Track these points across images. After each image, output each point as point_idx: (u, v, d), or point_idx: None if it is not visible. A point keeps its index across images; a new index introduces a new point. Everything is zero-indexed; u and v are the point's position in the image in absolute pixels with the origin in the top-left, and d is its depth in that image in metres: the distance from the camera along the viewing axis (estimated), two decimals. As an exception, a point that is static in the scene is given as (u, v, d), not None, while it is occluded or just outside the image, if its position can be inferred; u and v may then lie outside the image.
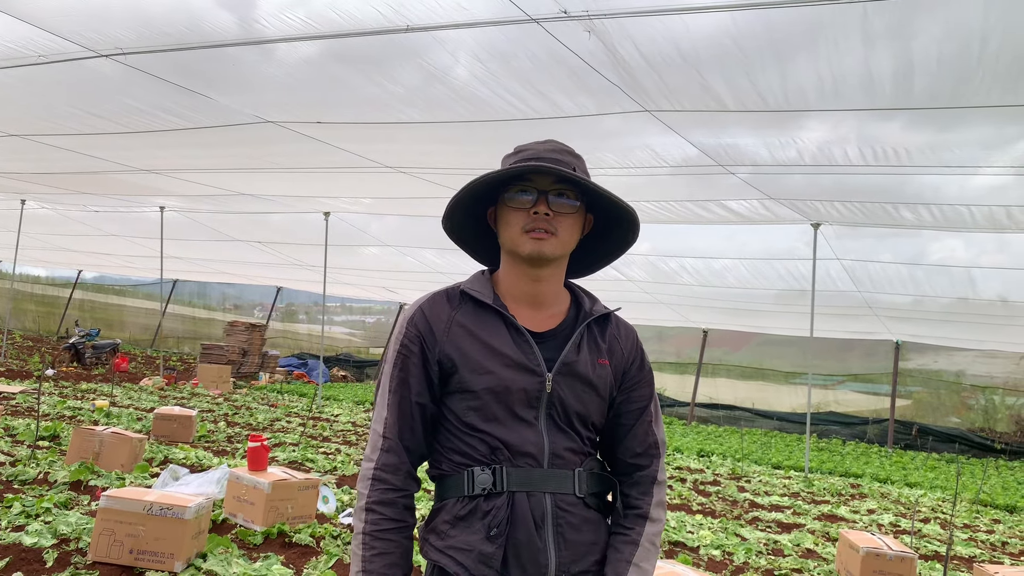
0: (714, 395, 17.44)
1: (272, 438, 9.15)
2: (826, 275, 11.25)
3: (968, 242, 10.44)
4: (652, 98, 5.84)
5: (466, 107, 6.32)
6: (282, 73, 6.07)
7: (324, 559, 4.44)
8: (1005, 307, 12.19)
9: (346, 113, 6.88)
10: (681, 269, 12.56)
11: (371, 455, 1.62)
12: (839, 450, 13.81)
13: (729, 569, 5.33)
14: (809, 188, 8.19)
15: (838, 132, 6.52)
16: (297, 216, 12.83)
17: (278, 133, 7.41)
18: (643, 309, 15.85)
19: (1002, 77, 4.92)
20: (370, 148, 7.93)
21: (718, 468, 10.42)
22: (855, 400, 17.17)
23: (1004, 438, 14.85)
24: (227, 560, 4.17)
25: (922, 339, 15.87)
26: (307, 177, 9.66)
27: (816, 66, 5.10)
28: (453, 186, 9.18)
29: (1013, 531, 7.87)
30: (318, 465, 7.67)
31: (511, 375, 1.60)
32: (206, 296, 24.79)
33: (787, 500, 8.31)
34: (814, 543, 6.30)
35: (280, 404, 13.29)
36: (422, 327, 1.64)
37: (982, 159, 6.87)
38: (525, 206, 1.62)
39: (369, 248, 14.54)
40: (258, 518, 4.83)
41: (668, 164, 7.58)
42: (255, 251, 15.66)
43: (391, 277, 16.76)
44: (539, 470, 1.59)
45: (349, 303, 25.80)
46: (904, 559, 5.13)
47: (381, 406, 1.63)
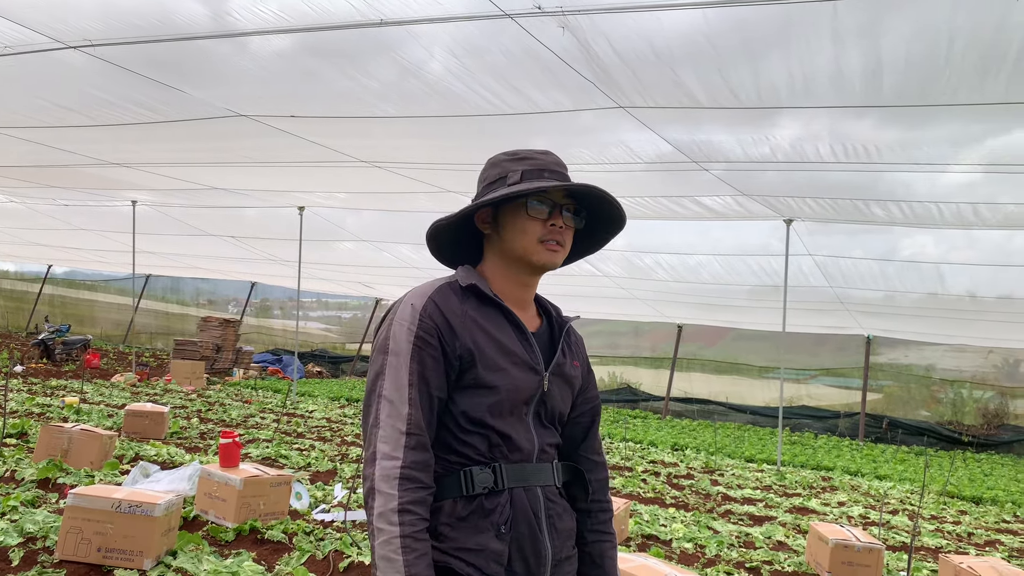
0: (689, 389, 17.58)
1: (245, 434, 9.08)
2: (799, 271, 11.37)
3: (938, 238, 10.62)
4: (626, 94, 5.87)
5: (441, 102, 6.31)
6: (255, 66, 6.02)
7: (297, 555, 4.42)
8: (973, 302, 12.40)
9: (320, 107, 6.83)
10: (656, 265, 12.64)
11: (393, 452, 1.52)
12: (811, 443, 13.99)
13: (701, 562, 5.38)
14: (782, 185, 8.27)
15: (810, 129, 6.59)
16: (271, 211, 12.73)
17: (251, 127, 7.35)
18: (619, 304, 15.94)
19: (968, 76, 5.00)
20: (344, 142, 7.89)
21: (692, 462, 10.51)
22: (827, 394, 17.40)
23: (971, 431, 15.12)
24: (198, 557, 4.14)
25: (893, 334, 16.11)
26: (281, 171, 9.59)
27: (788, 64, 5.16)
28: (429, 181, 9.16)
29: (979, 522, 8.02)
30: (292, 461, 7.63)
31: (520, 374, 1.65)
32: (179, 291, 24.53)
33: (759, 493, 8.41)
34: (785, 535, 6.38)
35: (254, 400, 13.20)
36: (438, 319, 1.61)
37: (951, 157, 6.98)
38: (543, 216, 1.67)
39: (344, 243, 14.47)
40: (230, 515, 4.80)
41: (643, 160, 7.62)
42: (229, 246, 15.52)
43: (367, 272, 16.69)
44: (530, 465, 1.66)
45: (325, 299, 25.65)
46: (872, 550, 5.21)
47: (399, 401, 1.56)
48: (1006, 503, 9.23)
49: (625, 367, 19.26)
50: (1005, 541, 7.12)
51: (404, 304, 1.64)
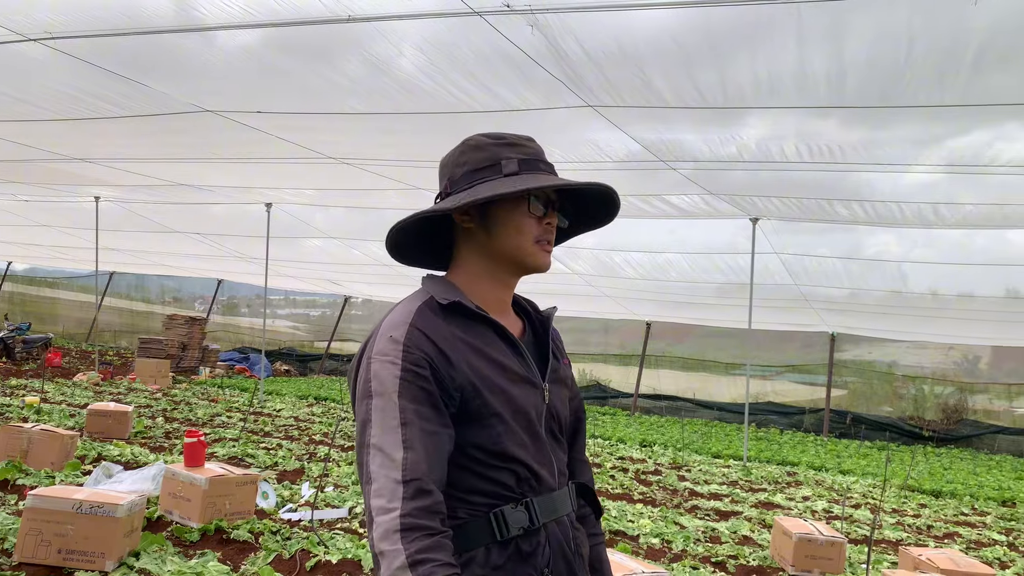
0: (657, 386, 17.72)
1: (211, 433, 8.98)
2: (765, 269, 11.52)
3: (901, 237, 10.82)
4: (595, 93, 5.90)
5: (410, 99, 6.28)
6: (221, 61, 5.95)
7: (263, 555, 4.39)
8: (935, 300, 12.66)
9: (288, 103, 6.78)
10: (625, 263, 12.72)
11: (388, 505, 1.30)
12: (777, 439, 14.18)
13: (667, 557, 5.44)
14: (749, 184, 8.37)
15: (777, 129, 6.68)
16: (238, 207, 12.58)
17: (217, 122, 7.26)
18: (588, 302, 16.01)
19: (927, 78, 5.11)
20: (313, 139, 7.83)
21: (660, 458, 10.61)
22: (793, 390, 17.65)
23: (932, 426, 15.44)
24: (161, 558, 4.10)
25: (857, 331, 16.38)
26: (248, 168, 9.49)
27: (753, 64, 5.22)
28: (398, 178, 9.14)
29: (938, 515, 8.20)
30: (259, 460, 7.56)
31: (521, 391, 1.48)
32: (144, 289, 24.15)
33: (726, 488, 8.51)
34: (750, 530, 6.46)
35: (220, 399, 13.05)
36: (427, 348, 1.39)
37: (913, 157, 7.12)
38: (540, 214, 1.52)
39: (313, 240, 14.36)
40: (195, 515, 4.75)
41: (612, 159, 7.67)
42: (195, 243, 15.32)
43: (336, 270, 16.57)
44: (556, 492, 1.50)
45: (293, 296, 25.43)
46: (834, 543, 5.31)
47: (391, 447, 1.33)
48: (964, 496, 9.45)
49: (595, 364, 19.36)
50: (963, 533, 7.29)
51: (380, 338, 1.42)
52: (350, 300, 21.66)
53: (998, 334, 14.61)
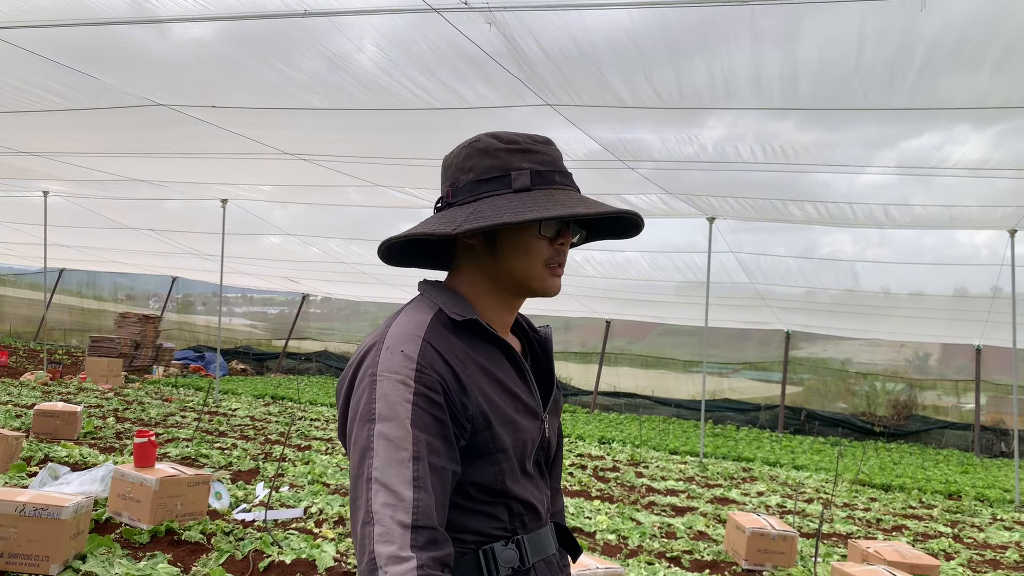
0: (616, 384, 17.86)
1: (164, 433, 8.82)
2: (722, 268, 11.67)
3: (855, 237, 11.05)
4: (554, 92, 5.92)
5: (369, 95, 6.24)
6: (174, 54, 5.83)
7: (215, 556, 4.32)
8: (887, 298, 12.96)
9: (243, 98, 6.68)
10: (586, 262, 12.79)
11: (400, 554, 1.13)
12: (733, 435, 14.39)
13: (623, 553, 5.48)
14: (706, 184, 8.47)
15: (734, 130, 6.77)
16: (193, 203, 12.37)
17: (170, 116, 7.12)
18: (550, 300, 16.05)
19: (877, 81, 5.22)
20: (269, 134, 7.72)
21: (618, 455, 10.69)
22: (749, 387, 17.93)
23: (883, 422, 15.80)
24: (109, 561, 4.01)
25: (811, 329, 16.69)
26: (203, 163, 9.32)
27: (709, 65, 5.28)
28: (357, 174, 9.06)
29: (887, 508, 8.40)
30: (213, 460, 7.45)
31: (525, 422, 1.35)
32: (96, 286, 23.60)
33: (682, 484, 8.61)
34: (705, 525, 6.55)
35: (175, 398, 12.82)
36: (442, 370, 1.24)
37: (866, 159, 7.27)
38: (551, 235, 1.36)
39: (270, 237, 14.17)
40: (145, 516, 4.65)
41: (572, 159, 7.69)
42: (149, 239, 15.02)
43: (294, 267, 16.38)
44: (543, 530, 1.40)
45: (250, 294, 25.09)
46: (786, 538, 5.40)
47: (400, 484, 1.17)
48: (912, 490, 9.69)
49: (556, 362, 19.39)
50: (910, 526, 7.48)
51: (388, 352, 1.25)
52: (308, 298, 21.43)
53: (947, 332, 15.01)
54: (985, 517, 8.37)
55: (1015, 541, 7.16)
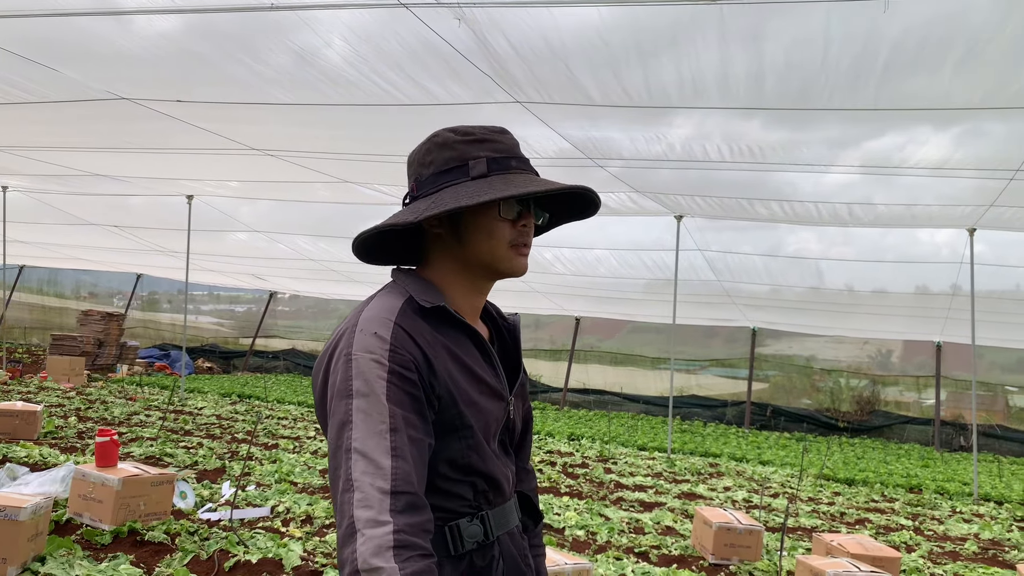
0: (586, 381, 17.94)
1: (128, 433, 8.68)
2: (690, 266, 11.78)
3: (820, 235, 11.21)
4: (524, 90, 5.92)
5: (337, 91, 6.19)
6: (138, 47, 5.74)
7: (179, 556, 4.26)
8: (851, 296, 13.18)
9: (209, 92, 6.58)
10: (556, 259, 12.82)
11: (379, 517, 1.18)
12: (700, 431, 14.53)
13: (592, 548, 5.51)
14: (675, 182, 8.54)
15: (702, 129, 6.83)
16: (158, 199, 12.17)
17: (134, 111, 7.00)
18: (520, 298, 16.08)
19: (842, 82, 5.30)
20: (236, 129, 7.63)
21: (587, 451, 10.74)
22: (716, 384, 18.11)
23: (847, 417, 16.07)
24: (69, 562, 3.93)
25: (777, 326, 16.92)
26: (168, 158, 9.18)
27: (677, 65, 5.32)
28: (326, 171, 8.98)
29: (851, 502, 8.54)
30: (178, 459, 7.34)
31: (489, 404, 1.42)
32: (58, 283, 23.14)
33: (650, 480, 8.68)
34: (673, 520, 6.61)
35: (139, 397, 12.61)
36: (413, 351, 1.30)
37: (831, 158, 7.38)
38: (513, 216, 1.41)
39: (237, 234, 14.00)
40: (107, 517, 4.58)
41: (542, 156, 7.71)
42: (112, 236, 14.75)
43: (261, 264, 16.20)
44: (507, 504, 1.46)
45: (217, 291, 24.76)
46: (752, 532, 5.47)
47: (378, 453, 1.22)
48: (875, 484, 9.86)
49: (526, 359, 18.80)
50: (873, 519, 7.61)
51: (362, 333, 1.31)
52: (276, 295, 21.22)
53: (908, 329, 15.31)
54: (945, 510, 8.55)
55: (973, 533, 7.32)
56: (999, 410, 16.42)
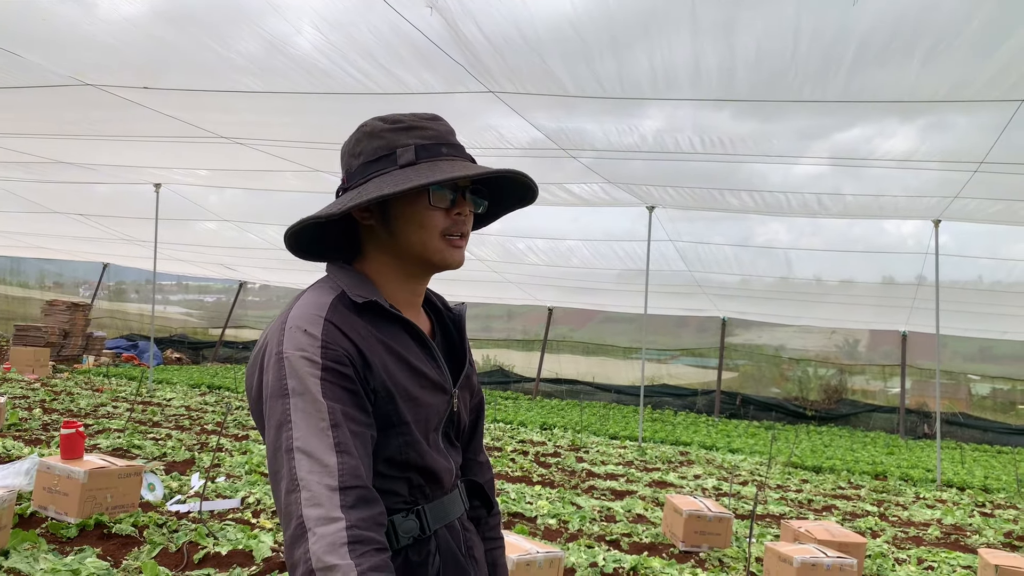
0: (558, 370, 18.01)
1: (95, 424, 8.55)
2: (661, 256, 11.85)
3: (790, 226, 11.34)
4: (496, 80, 5.90)
5: (308, 79, 6.12)
6: (103, 32, 5.62)
7: (147, 548, 4.22)
8: (819, 286, 13.35)
9: (177, 79, 6.47)
10: (529, 250, 12.83)
11: (330, 515, 1.15)
12: (671, 420, 14.67)
13: (564, 537, 5.55)
14: (646, 173, 8.58)
15: (673, 121, 6.86)
16: (124, 187, 11.95)
17: (100, 97, 6.86)
18: (492, 288, 16.08)
19: (812, 74, 5.35)
20: (205, 117, 7.52)
21: (559, 440, 10.79)
22: (687, 373, 18.29)
23: (815, 406, 16.32)
24: (33, 556, 3.87)
25: (747, 316, 17.11)
26: (135, 146, 9.02)
27: (650, 56, 5.34)
28: (296, 160, 8.89)
29: (818, 489, 8.68)
30: (146, 451, 7.25)
31: (429, 398, 1.38)
32: (21, 273, 22.67)
33: (622, 469, 8.74)
34: (644, 508, 6.67)
35: (106, 388, 12.43)
36: (346, 346, 1.27)
37: (800, 150, 7.45)
38: (445, 204, 1.36)
39: (206, 223, 13.81)
40: (72, 509, 4.51)
41: (514, 147, 7.70)
42: (78, 224, 14.48)
43: (231, 254, 16.01)
44: (447, 497, 1.43)
45: (186, 281, 24.45)
46: (722, 519, 5.54)
47: (321, 450, 1.18)
48: (842, 471, 10.03)
49: (498, 349, 19.51)
50: (840, 506, 7.75)
51: (292, 331, 1.27)
52: (246, 286, 21.00)
53: (875, 318, 15.56)
54: (909, 496, 8.73)
55: (936, 518, 7.48)
56: (962, 398, 16.79)
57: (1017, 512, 8.19)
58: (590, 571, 4.68)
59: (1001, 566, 4.78)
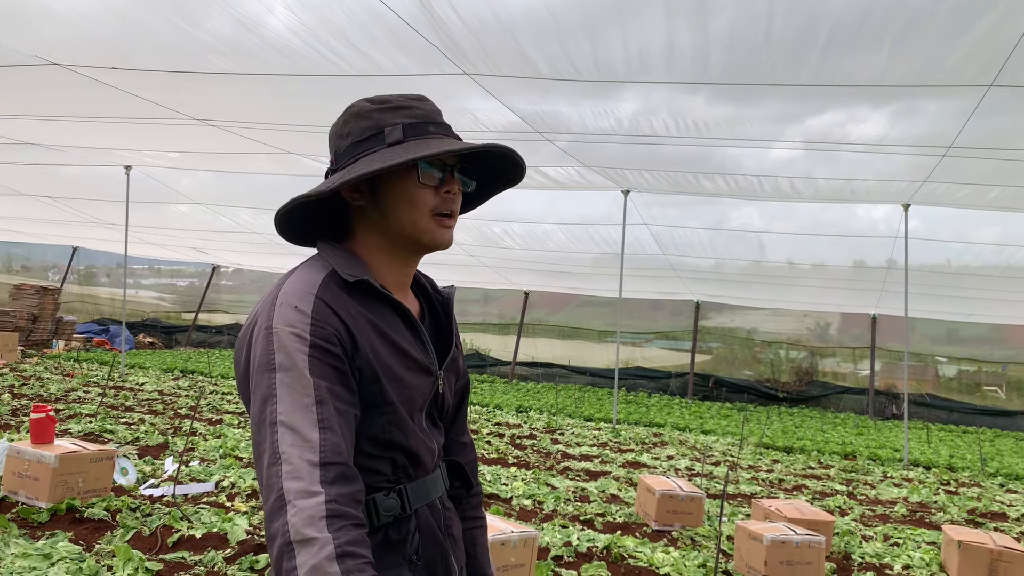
0: (534, 354, 18.09)
1: (66, 409, 8.46)
2: (636, 240, 11.91)
3: (763, 210, 11.44)
4: (471, 62, 5.87)
5: (280, 60, 6.05)
6: (69, 11, 5.51)
7: (120, 532, 4.20)
8: (791, 270, 13.50)
9: (146, 60, 6.37)
10: (505, 234, 12.83)
11: (310, 488, 1.16)
12: (645, 402, 14.80)
13: (539, 517, 5.60)
14: (622, 157, 8.60)
15: (649, 104, 6.88)
16: (94, 169, 11.77)
17: (66, 77, 6.74)
18: (468, 272, 16.07)
19: (785, 57, 5.39)
20: (175, 98, 7.41)
21: (535, 423, 10.86)
22: (661, 356, 18.44)
23: (786, 387, 16.55)
24: (4, 541, 3.84)
25: (720, 299, 17.27)
26: (104, 127, 8.87)
27: (624, 39, 5.34)
28: (269, 142, 8.80)
29: (788, 469, 8.83)
30: (118, 436, 7.20)
31: (415, 379, 1.39)
32: (-13, 256, 22.28)
33: (596, 450, 8.82)
34: (618, 488, 6.74)
35: (77, 373, 12.28)
36: (335, 324, 1.28)
37: (774, 134, 7.51)
38: (435, 183, 1.37)
39: (178, 206, 13.64)
40: (43, 494, 4.47)
41: (490, 130, 7.68)
42: (46, 207, 14.23)
43: (204, 237, 15.84)
44: (429, 476, 1.44)
45: (158, 265, 24.16)
46: (694, 499, 5.62)
47: (305, 426, 1.20)
48: (812, 451, 10.20)
49: (474, 333, 19.53)
50: (810, 485, 7.89)
51: (282, 307, 1.28)
52: (219, 269, 20.79)
53: (846, 301, 15.77)
54: (877, 475, 8.90)
55: (903, 496, 7.65)
56: (929, 379, 17.12)
57: (980, 490, 8.40)
58: (564, 550, 4.74)
59: (964, 542, 4.90)
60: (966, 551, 4.86)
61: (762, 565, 4.48)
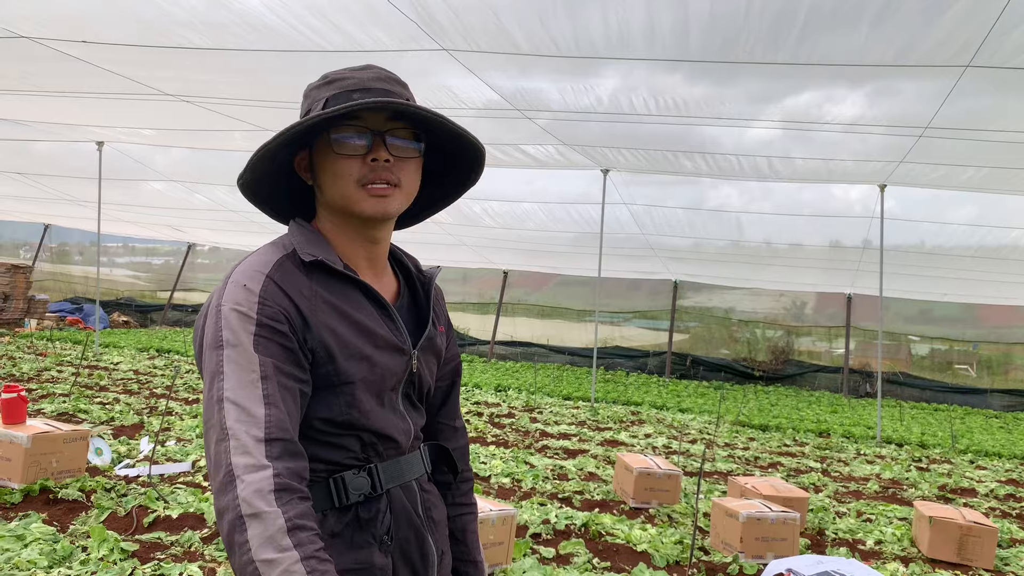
0: (513, 333, 18.11)
1: (39, 389, 8.35)
2: (615, 220, 11.91)
3: (741, 190, 11.48)
4: (450, 37, 5.80)
5: (255, 35, 5.95)
6: (35, -20, 5.37)
7: (95, 513, 4.16)
8: (768, 249, 13.59)
9: (117, 33, 6.23)
10: (484, 213, 12.78)
11: (256, 463, 1.17)
12: (623, 381, 14.89)
13: (517, 495, 5.63)
14: (601, 136, 8.57)
15: (628, 81, 6.84)
16: (65, 146, 11.55)
17: (35, 51, 6.58)
18: (447, 251, 16.01)
19: (764, 36, 5.38)
20: (148, 74, 7.27)
21: (514, 401, 10.89)
22: (639, 335, 18.54)
23: (762, 366, 16.72)
24: (-23, 522, 3.80)
25: (698, 279, 17.36)
26: (75, 102, 8.68)
27: (604, 14, 5.30)
28: (244, 118, 8.67)
29: (764, 447, 8.94)
30: (93, 416, 7.12)
31: (385, 358, 1.38)
32: (-44, 234, 21.86)
33: (575, 429, 8.88)
34: (596, 467, 6.79)
35: (50, 353, 12.12)
36: (283, 303, 1.27)
37: (754, 113, 7.51)
38: (359, 152, 1.32)
39: (152, 183, 13.43)
40: (16, 475, 4.42)
41: (469, 107, 7.61)
42: (16, 183, 13.96)
43: (178, 215, 15.63)
44: (404, 457, 1.43)
45: (132, 243, 23.83)
46: (671, 476, 5.67)
47: (250, 402, 1.21)
48: (787, 429, 10.34)
49: (453, 313, 19.47)
50: (785, 463, 7.99)
51: (232, 285, 1.29)
52: (195, 247, 20.56)
53: (822, 281, 15.92)
54: (850, 452, 9.04)
55: (876, 473, 7.78)
56: (902, 358, 17.36)
57: (951, 467, 8.56)
58: (543, 528, 4.77)
59: (935, 517, 5.00)
60: (937, 526, 4.95)
61: (738, 541, 4.54)
